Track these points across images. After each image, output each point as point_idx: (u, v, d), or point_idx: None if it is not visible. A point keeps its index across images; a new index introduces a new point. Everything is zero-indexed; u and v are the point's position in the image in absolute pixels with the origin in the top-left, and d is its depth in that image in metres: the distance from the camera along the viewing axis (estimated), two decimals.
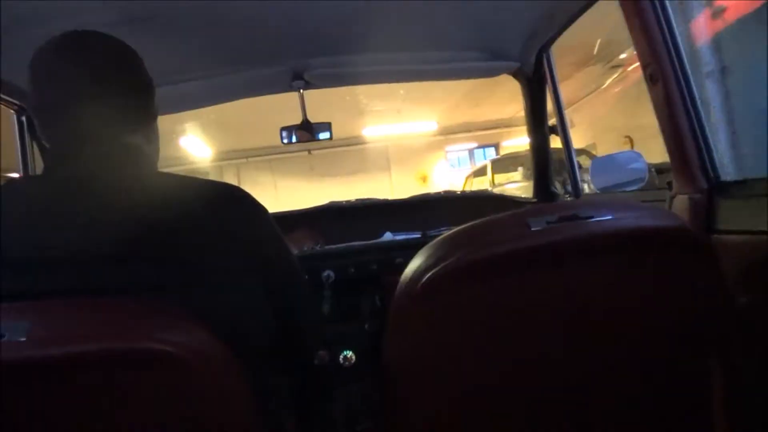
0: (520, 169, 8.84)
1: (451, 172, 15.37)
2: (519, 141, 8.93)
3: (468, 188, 9.79)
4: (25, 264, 0.76)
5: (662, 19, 1.09)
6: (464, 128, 14.49)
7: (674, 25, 1.10)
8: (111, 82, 0.88)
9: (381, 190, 14.73)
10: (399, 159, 15.08)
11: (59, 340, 0.62)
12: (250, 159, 14.21)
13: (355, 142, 13.31)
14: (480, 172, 10.09)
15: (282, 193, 14.37)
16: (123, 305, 0.71)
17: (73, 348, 0.63)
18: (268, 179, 14.49)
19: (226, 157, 13.74)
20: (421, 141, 14.35)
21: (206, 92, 1.94)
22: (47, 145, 0.89)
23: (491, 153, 15.37)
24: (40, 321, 0.63)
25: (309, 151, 12.68)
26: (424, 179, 15.50)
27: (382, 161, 15.11)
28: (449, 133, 14.58)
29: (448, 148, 15.65)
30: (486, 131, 14.76)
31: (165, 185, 0.87)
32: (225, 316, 0.80)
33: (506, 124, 13.49)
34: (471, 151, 16.16)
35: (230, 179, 13.89)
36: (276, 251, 0.97)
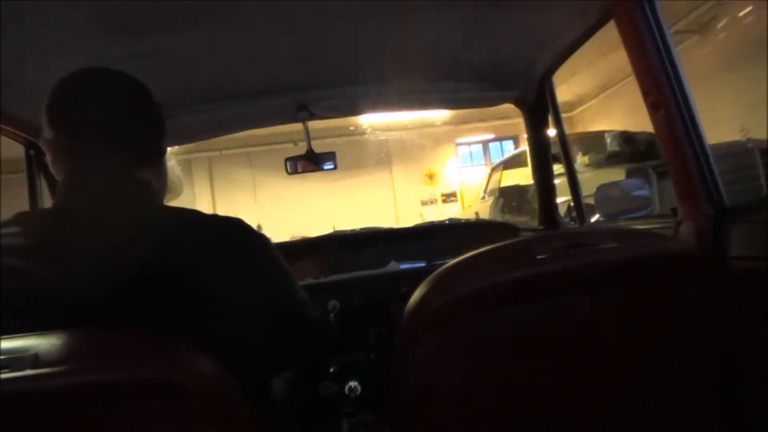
0: (579, 155, 5.87)
1: (462, 170, 13.48)
2: None
3: (496, 184, 7.40)
4: (33, 296, 0.76)
5: (662, 48, 1.10)
6: (478, 117, 12.20)
7: (674, 53, 1.11)
8: (122, 119, 0.90)
9: (380, 191, 13.25)
10: (401, 153, 12.94)
11: (65, 371, 0.62)
12: (224, 151, 12.29)
13: (349, 132, 11.00)
14: (514, 162, 7.53)
15: (262, 192, 12.80)
16: (129, 336, 0.71)
17: (79, 379, 0.62)
18: (246, 176, 12.61)
19: (195, 148, 11.23)
20: (427, 132, 11.87)
21: (211, 124, 1.96)
22: (58, 179, 0.90)
23: (509, 147, 13.06)
24: (46, 353, 0.63)
25: (295, 143, 10.01)
26: (431, 177, 13.57)
27: (382, 156, 13.03)
28: (460, 122, 12.42)
29: (459, 140, 13.45)
30: (504, 120, 11.79)
31: (171, 219, 0.88)
32: (229, 346, 0.80)
33: None
34: (486, 145, 13.80)
35: (200, 176, 12.37)
36: (279, 282, 0.98)
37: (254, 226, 0.96)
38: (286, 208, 12.05)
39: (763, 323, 0.95)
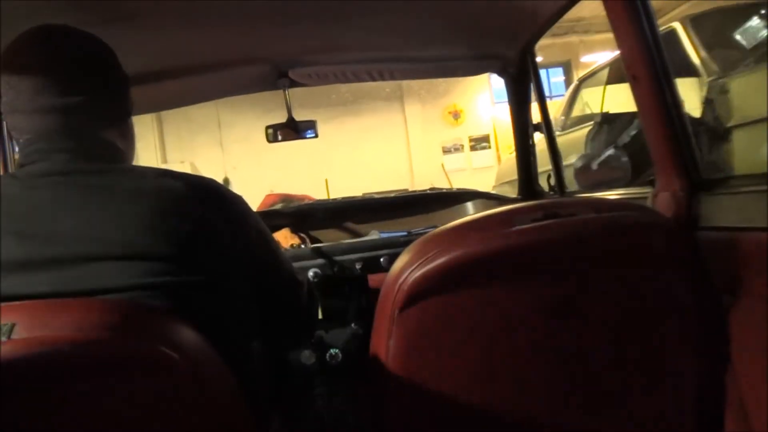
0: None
1: (498, 107, 10.14)
2: (603, 56, 4.78)
3: (586, 108, 4.51)
4: (6, 265, 0.74)
5: (645, 21, 1.10)
6: None
7: (657, 27, 1.11)
8: (82, 78, 0.87)
9: (389, 134, 10.34)
10: (417, 84, 9.77)
11: (44, 341, 0.62)
12: None
13: None
14: (609, 74, 3.97)
15: (230, 135, 9.83)
16: (109, 307, 0.70)
17: (57, 350, 0.62)
18: (208, 114, 9.41)
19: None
20: None
21: (189, 91, 1.93)
22: (20, 142, 0.87)
23: (558, 80, 9.55)
24: (26, 322, 0.62)
25: None
26: (456, 116, 10.54)
27: (391, 86, 9.94)
28: None
29: None
30: (554, 38, 8.45)
31: (143, 181, 0.85)
32: (208, 315, 0.80)
33: (584, 27, 8.55)
34: None
35: (144, 115, 8.43)
36: (259, 246, 0.97)
37: (220, 180, 0.94)
38: (263, 157, 9.08)
39: (735, 291, 0.97)
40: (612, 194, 1.60)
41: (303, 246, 1.83)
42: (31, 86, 0.84)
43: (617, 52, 1.15)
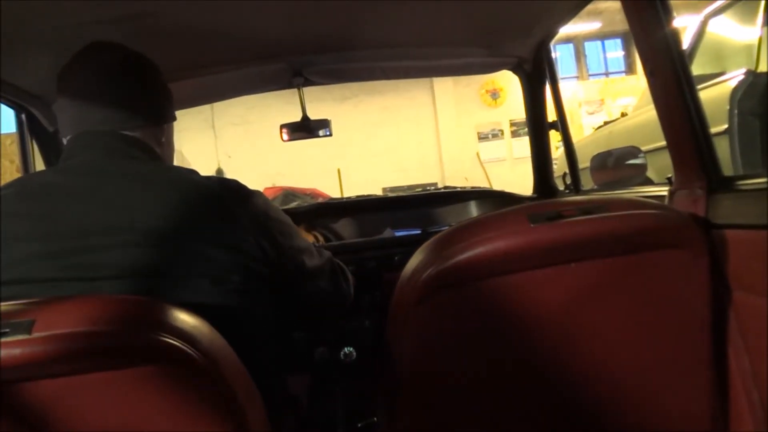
0: None
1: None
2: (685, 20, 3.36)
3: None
4: (38, 248, 0.80)
5: (662, 15, 1.09)
6: None
7: (674, 21, 1.10)
8: (119, 88, 0.97)
9: (414, 117, 9.06)
10: None
11: (61, 337, 0.63)
12: None
13: None
14: None
15: (223, 119, 8.62)
16: (128, 301, 0.72)
17: (75, 345, 0.63)
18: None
19: None
20: None
21: (205, 90, 1.94)
22: (66, 141, 0.98)
23: (615, 54, 8.10)
24: (44, 319, 0.63)
25: None
26: (494, 95, 9.18)
27: None
28: None
29: None
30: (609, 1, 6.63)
31: (173, 178, 0.92)
32: (226, 311, 0.82)
33: None
34: (580, 45, 8.93)
35: None
36: (283, 244, 1.00)
37: (213, 170, 1.00)
38: (263, 144, 8.13)
39: (749, 289, 0.96)
40: (629, 192, 1.59)
41: (317, 244, 1.84)
42: (74, 94, 0.96)
43: None
